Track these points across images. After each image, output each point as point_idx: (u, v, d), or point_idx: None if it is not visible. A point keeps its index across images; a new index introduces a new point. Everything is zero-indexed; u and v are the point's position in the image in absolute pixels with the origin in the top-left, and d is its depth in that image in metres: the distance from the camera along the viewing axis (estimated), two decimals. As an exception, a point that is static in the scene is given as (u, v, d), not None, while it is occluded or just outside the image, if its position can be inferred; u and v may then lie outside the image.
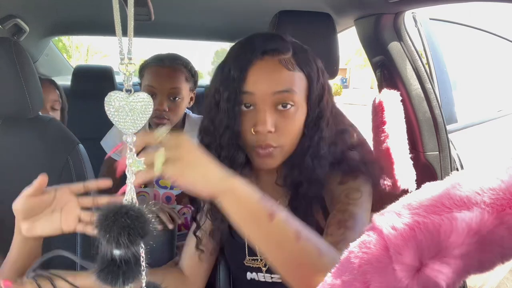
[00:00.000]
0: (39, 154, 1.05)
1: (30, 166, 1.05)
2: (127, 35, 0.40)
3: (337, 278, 0.34)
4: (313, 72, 0.79)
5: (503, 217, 0.29)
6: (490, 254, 0.30)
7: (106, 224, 0.41)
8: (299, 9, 1.13)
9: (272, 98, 0.75)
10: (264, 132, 0.75)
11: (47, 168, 1.06)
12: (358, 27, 1.23)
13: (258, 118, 0.75)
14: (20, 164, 1.05)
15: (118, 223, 0.41)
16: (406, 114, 1.09)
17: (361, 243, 0.34)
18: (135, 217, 0.42)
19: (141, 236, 0.42)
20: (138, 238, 0.42)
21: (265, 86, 0.75)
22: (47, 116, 1.16)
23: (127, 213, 0.42)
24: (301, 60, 0.78)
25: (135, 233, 0.42)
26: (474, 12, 2.04)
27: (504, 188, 0.30)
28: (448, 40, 1.94)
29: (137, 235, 0.42)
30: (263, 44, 0.77)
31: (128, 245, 0.41)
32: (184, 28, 1.96)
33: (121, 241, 0.41)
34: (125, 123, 0.44)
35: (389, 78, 1.14)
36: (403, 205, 0.33)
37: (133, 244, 0.42)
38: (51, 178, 1.06)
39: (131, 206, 0.43)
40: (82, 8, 1.57)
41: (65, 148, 1.08)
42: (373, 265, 0.32)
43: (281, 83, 0.75)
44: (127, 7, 0.40)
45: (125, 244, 0.41)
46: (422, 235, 0.30)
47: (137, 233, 0.42)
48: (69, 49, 16.27)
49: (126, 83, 0.43)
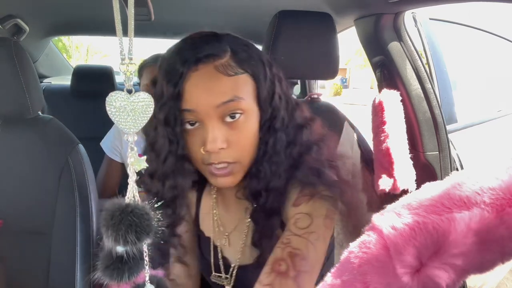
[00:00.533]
0: (39, 154, 1.05)
1: (30, 166, 1.05)
2: (128, 35, 0.40)
3: (337, 278, 0.34)
4: (258, 69, 0.70)
5: (503, 217, 0.29)
6: (490, 254, 0.30)
7: (113, 223, 0.42)
8: (299, 9, 1.13)
9: (217, 111, 0.66)
10: (215, 150, 0.66)
11: (47, 168, 1.07)
12: (358, 27, 1.23)
13: (205, 136, 0.66)
14: (20, 164, 1.06)
15: (125, 221, 0.42)
16: (406, 114, 1.09)
17: (361, 243, 0.34)
18: (140, 215, 0.43)
19: (147, 233, 0.43)
20: (144, 235, 0.43)
21: (205, 100, 0.66)
22: (47, 116, 1.16)
23: (133, 211, 0.43)
24: (243, 60, 0.69)
25: (141, 230, 0.43)
26: (474, 12, 2.04)
27: (504, 188, 0.30)
28: (448, 40, 1.94)
29: (144, 232, 0.43)
30: (195, 51, 0.67)
31: (136, 242, 0.43)
32: (184, 28, 1.95)
33: (128, 238, 0.42)
34: (126, 123, 0.44)
35: (389, 78, 1.14)
36: (403, 205, 0.33)
37: (140, 240, 0.43)
38: (51, 178, 1.06)
39: (136, 205, 0.44)
40: (82, 8, 1.57)
41: (65, 148, 1.08)
42: (373, 265, 0.32)
43: (223, 93, 0.66)
44: (127, 7, 0.40)
45: (132, 241, 0.42)
46: (422, 235, 0.30)
47: (143, 230, 0.43)
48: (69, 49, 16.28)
49: (127, 83, 0.43)
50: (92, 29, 2.07)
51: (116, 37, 0.40)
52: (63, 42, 7.30)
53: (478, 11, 2.10)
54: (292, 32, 1.09)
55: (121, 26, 0.40)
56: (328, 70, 1.14)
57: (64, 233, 1.04)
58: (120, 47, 0.41)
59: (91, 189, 1.08)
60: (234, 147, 0.68)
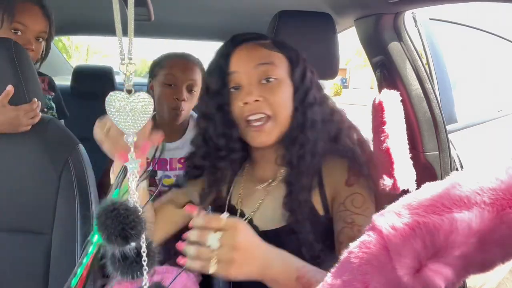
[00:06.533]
0: (39, 154, 1.05)
1: (30, 166, 1.05)
2: (127, 35, 0.40)
3: (337, 278, 0.34)
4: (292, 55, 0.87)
5: (503, 216, 0.29)
6: (490, 254, 0.30)
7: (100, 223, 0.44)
8: (299, 9, 1.13)
9: (255, 72, 0.83)
10: (251, 101, 0.81)
11: (47, 168, 1.06)
12: (358, 27, 1.23)
13: (244, 91, 0.83)
14: (20, 164, 1.05)
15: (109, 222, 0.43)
16: (406, 114, 1.09)
17: (361, 243, 0.34)
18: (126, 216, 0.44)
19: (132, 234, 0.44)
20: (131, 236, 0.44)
21: (246, 62, 0.84)
22: (47, 116, 1.16)
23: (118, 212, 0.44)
24: (281, 45, 0.88)
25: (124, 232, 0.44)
26: (474, 12, 2.04)
27: (504, 188, 0.30)
28: (448, 40, 1.94)
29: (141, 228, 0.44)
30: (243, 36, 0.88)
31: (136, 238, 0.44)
32: (184, 28, 1.96)
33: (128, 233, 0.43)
34: (126, 123, 0.44)
35: (389, 78, 1.14)
36: (403, 205, 0.33)
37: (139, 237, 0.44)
38: (51, 178, 1.06)
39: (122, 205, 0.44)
40: (82, 8, 1.57)
41: (65, 148, 1.08)
42: (373, 265, 0.32)
43: (261, 57, 0.84)
44: (127, 7, 0.40)
45: (134, 237, 0.44)
46: (422, 235, 0.30)
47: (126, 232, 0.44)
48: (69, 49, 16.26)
49: (126, 83, 0.43)
50: (92, 29, 2.07)
51: (116, 37, 0.40)
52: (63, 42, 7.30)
53: (478, 11, 2.10)
54: (292, 32, 1.09)
55: (121, 26, 0.40)
56: (328, 70, 1.14)
57: (64, 233, 1.04)
58: (120, 47, 0.41)
59: (92, 189, 1.08)
60: (268, 101, 0.82)
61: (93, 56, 22.91)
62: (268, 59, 0.84)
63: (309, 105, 0.84)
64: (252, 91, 0.82)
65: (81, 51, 21.13)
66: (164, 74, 1.41)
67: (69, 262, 1.02)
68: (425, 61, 1.53)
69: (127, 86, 0.43)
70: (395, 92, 1.09)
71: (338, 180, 0.84)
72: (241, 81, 0.84)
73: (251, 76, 0.83)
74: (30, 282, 1.03)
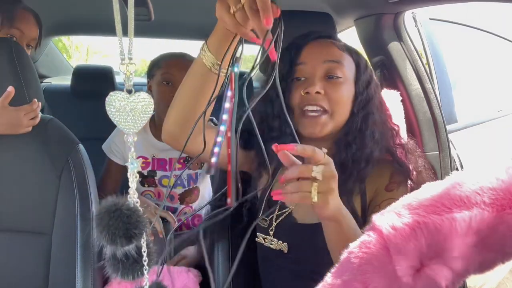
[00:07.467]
0: (39, 154, 1.05)
1: (30, 165, 1.05)
2: (127, 35, 0.40)
3: (337, 278, 0.34)
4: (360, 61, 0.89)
5: (503, 216, 0.29)
6: (490, 254, 0.30)
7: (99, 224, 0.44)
8: (299, 9, 1.13)
9: (323, 67, 0.85)
10: (313, 92, 0.83)
11: (47, 168, 1.06)
12: (358, 27, 1.23)
13: (308, 83, 0.84)
14: (20, 164, 1.05)
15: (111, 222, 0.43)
16: (406, 114, 1.09)
17: (361, 243, 0.34)
18: (128, 216, 0.44)
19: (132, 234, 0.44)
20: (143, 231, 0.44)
21: (317, 56, 0.86)
22: (47, 116, 1.16)
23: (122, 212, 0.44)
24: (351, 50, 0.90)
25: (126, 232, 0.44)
26: (474, 12, 2.04)
27: (504, 188, 0.30)
28: (448, 40, 1.94)
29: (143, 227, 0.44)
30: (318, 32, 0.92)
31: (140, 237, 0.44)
32: (184, 28, 1.96)
33: (132, 233, 0.43)
34: (126, 123, 0.44)
35: (389, 78, 1.14)
36: (403, 205, 0.33)
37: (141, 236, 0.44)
38: (51, 178, 1.06)
39: (124, 205, 0.44)
40: (82, 8, 1.57)
41: (65, 148, 1.08)
42: (373, 265, 0.32)
43: (331, 54, 0.86)
44: (127, 7, 0.40)
45: (137, 236, 0.44)
46: (422, 235, 0.30)
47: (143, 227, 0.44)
48: (69, 49, 16.25)
49: (126, 83, 0.43)
50: (92, 29, 2.07)
51: (116, 37, 0.40)
52: (63, 42, 7.31)
53: (478, 11, 2.10)
54: (292, 32, 1.09)
55: (121, 26, 0.40)
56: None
57: (64, 233, 1.03)
58: (120, 47, 0.41)
59: (91, 189, 1.08)
60: (328, 96, 0.83)
61: (93, 56, 22.86)
62: (337, 58, 0.86)
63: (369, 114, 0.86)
64: (315, 83, 0.83)
65: (81, 51, 21.11)
66: (161, 74, 1.40)
67: (69, 262, 1.02)
68: (425, 61, 1.53)
69: (127, 86, 0.43)
70: (395, 92, 1.10)
71: (379, 185, 0.85)
72: (307, 72, 0.86)
73: (318, 69, 0.85)
74: (30, 282, 1.03)
